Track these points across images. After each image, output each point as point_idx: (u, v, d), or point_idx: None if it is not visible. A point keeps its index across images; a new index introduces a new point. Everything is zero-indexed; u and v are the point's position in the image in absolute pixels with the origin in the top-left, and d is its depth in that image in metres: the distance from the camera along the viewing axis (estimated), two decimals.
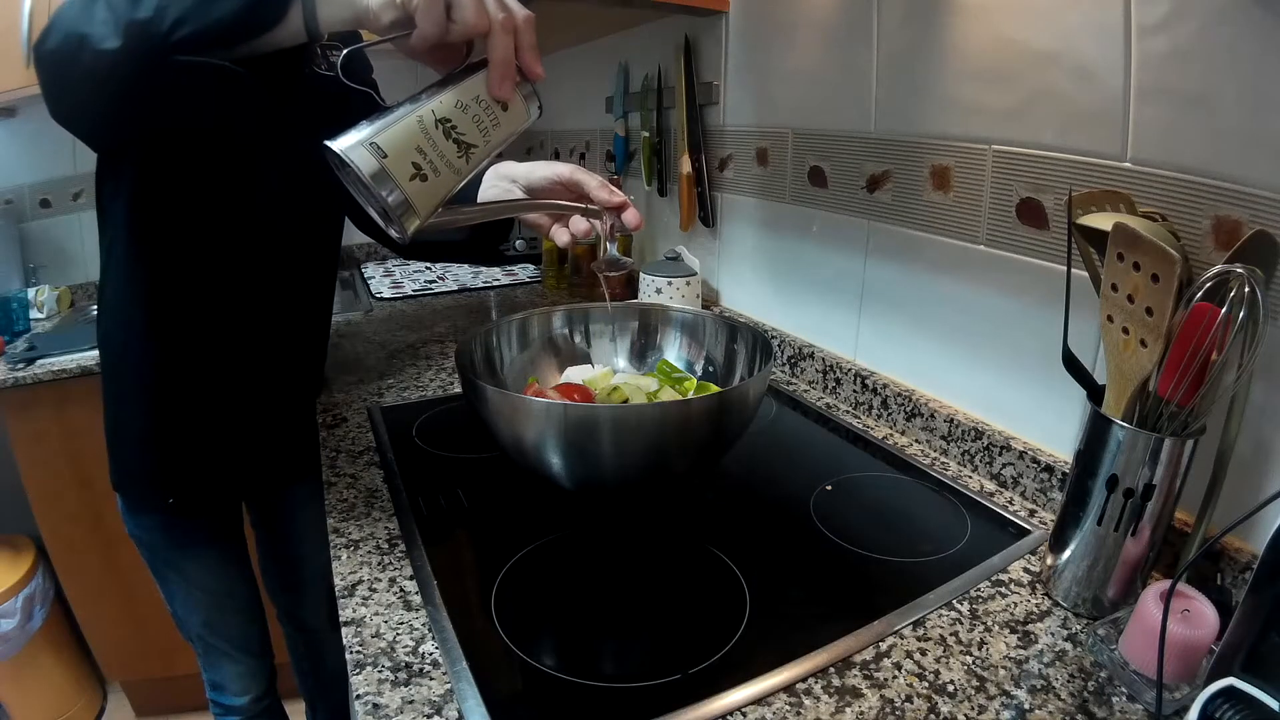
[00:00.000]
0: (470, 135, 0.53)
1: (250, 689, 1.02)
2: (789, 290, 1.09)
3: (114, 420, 0.85)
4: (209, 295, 0.79)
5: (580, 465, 0.65)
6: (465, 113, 0.52)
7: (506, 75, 0.52)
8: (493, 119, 0.54)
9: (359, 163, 0.49)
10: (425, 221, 0.53)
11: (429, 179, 0.51)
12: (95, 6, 0.49)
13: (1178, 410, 0.50)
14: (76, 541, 1.46)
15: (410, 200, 0.51)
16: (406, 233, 0.52)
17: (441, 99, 0.52)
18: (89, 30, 0.49)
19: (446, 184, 0.53)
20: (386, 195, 0.50)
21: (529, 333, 0.87)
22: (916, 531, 0.69)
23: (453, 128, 0.52)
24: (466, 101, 0.52)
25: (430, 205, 0.53)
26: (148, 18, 0.48)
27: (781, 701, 0.48)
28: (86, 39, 0.49)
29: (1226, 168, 0.53)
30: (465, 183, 0.55)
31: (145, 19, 0.48)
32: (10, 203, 1.74)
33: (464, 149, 0.53)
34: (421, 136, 0.51)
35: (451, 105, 0.52)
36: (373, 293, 1.64)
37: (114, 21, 0.48)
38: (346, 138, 0.49)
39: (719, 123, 1.20)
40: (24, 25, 1.40)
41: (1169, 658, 0.45)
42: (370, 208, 0.53)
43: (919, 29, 0.79)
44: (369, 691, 0.49)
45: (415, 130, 0.50)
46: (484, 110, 0.53)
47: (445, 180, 0.53)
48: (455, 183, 0.54)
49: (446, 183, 0.53)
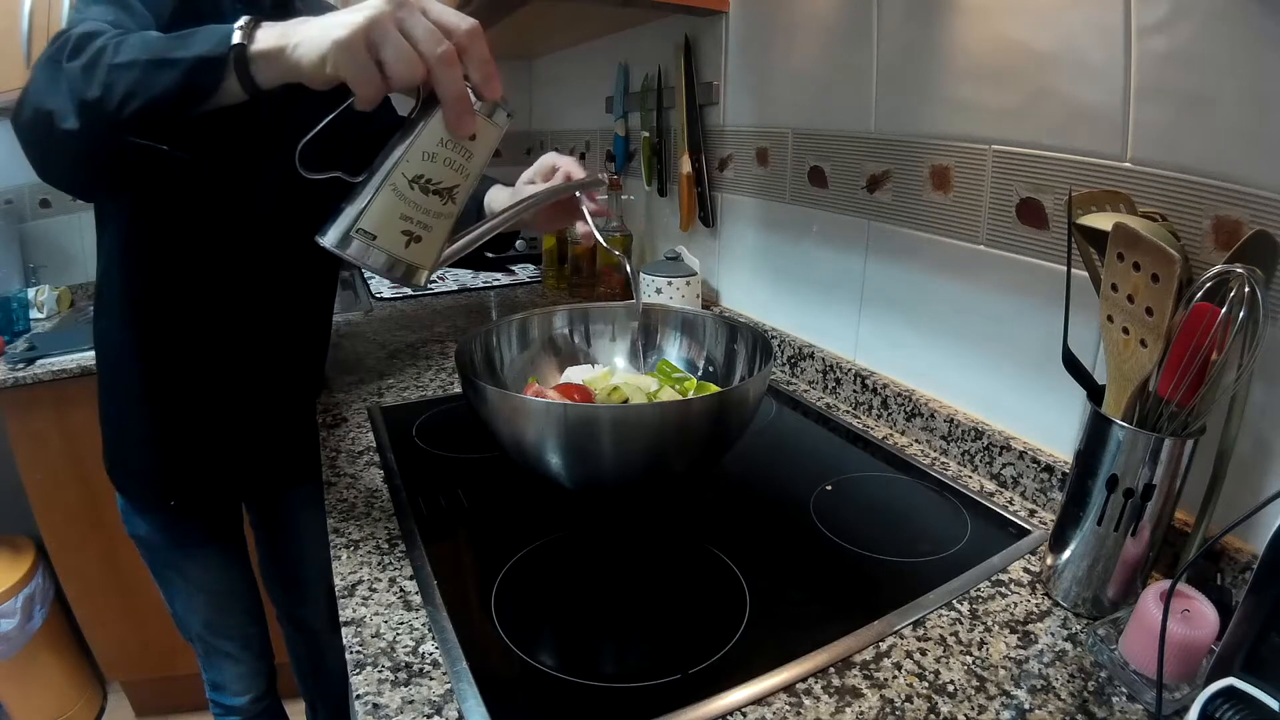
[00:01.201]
0: (448, 179, 0.52)
1: (250, 689, 1.02)
2: (789, 290, 1.09)
3: (114, 421, 0.85)
4: (208, 296, 0.79)
5: (580, 465, 0.65)
6: (435, 161, 0.51)
7: (464, 110, 0.49)
8: (464, 154, 0.52)
9: (354, 255, 0.50)
10: (435, 269, 0.54)
11: (424, 237, 0.52)
12: (59, 79, 0.50)
13: (1178, 410, 0.50)
14: (76, 541, 1.46)
15: (412, 263, 0.52)
16: (422, 285, 0.54)
17: (407, 158, 0.50)
18: (53, 107, 0.50)
19: (442, 232, 0.53)
20: (389, 270, 0.51)
21: (529, 333, 0.87)
22: (916, 531, 0.69)
23: (428, 182, 0.51)
24: (432, 150, 0.50)
25: (433, 256, 0.54)
26: (97, 97, 0.49)
27: (781, 701, 0.48)
28: (51, 116, 0.50)
29: (1226, 168, 0.53)
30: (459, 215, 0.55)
31: (95, 99, 0.49)
32: (10, 203, 1.74)
33: (446, 194, 0.52)
34: (401, 203, 0.50)
35: (419, 160, 0.50)
36: (373, 293, 1.64)
37: (72, 98, 0.50)
38: (332, 230, 0.50)
39: (719, 123, 1.20)
40: (24, 25, 1.40)
41: (1169, 658, 0.45)
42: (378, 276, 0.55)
43: (919, 29, 0.79)
44: (369, 691, 0.49)
45: (393, 201, 0.50)
46: (453, 150, 0.51)
47: (440, 230, 0.53)
48: (450, 225, 0.54)
49: (442, 231, 0.53)
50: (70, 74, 0.50)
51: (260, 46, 0.48)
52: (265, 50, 0.48)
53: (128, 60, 0.49)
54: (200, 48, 0.49)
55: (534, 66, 2.10)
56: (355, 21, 0.45)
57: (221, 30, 0.49)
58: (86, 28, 0.53)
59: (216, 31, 0.49)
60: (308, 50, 0.46)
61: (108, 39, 0.51)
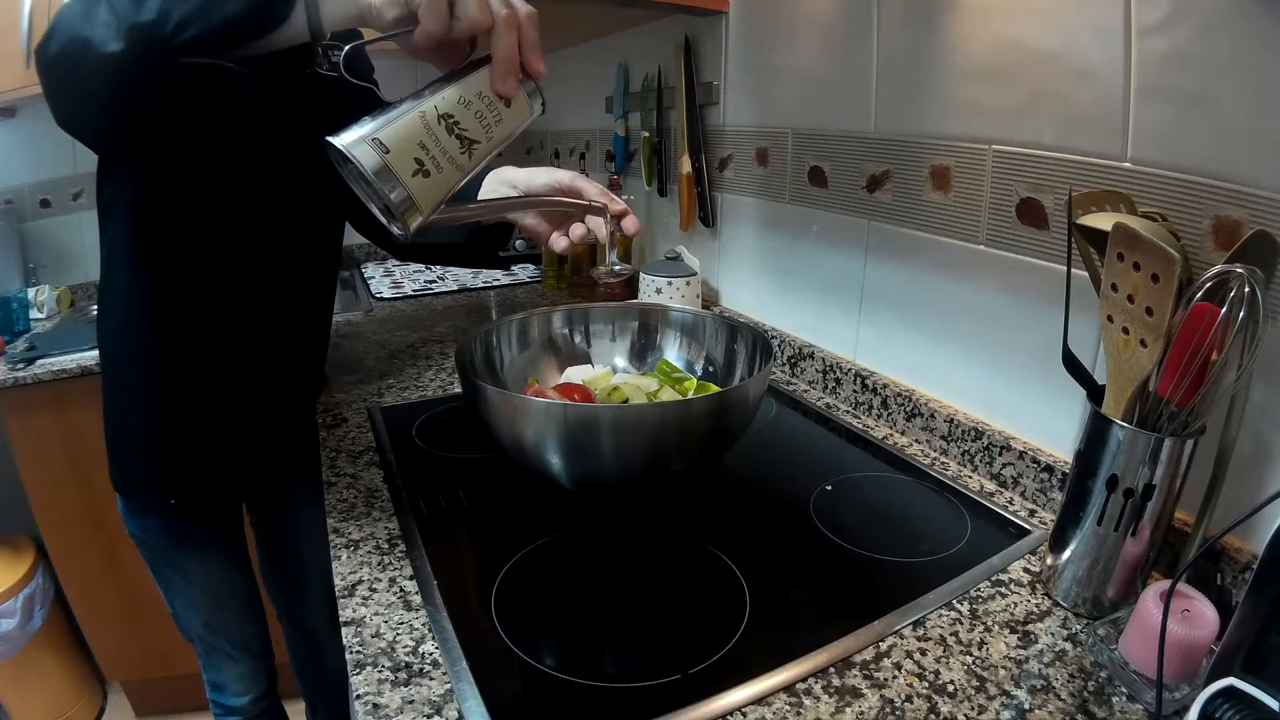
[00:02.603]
0: (473, 131, 0.52)
1: (250, 689, 1.02)
2: (789, 290, 1.09)
3: (114, 421, 0.85)
4: (209, 296, 0.79)
5: (580, 465, 0.65)
6: (468, 109, 0.52)
7: (510, 71, 0.52)
8: (495, 115, 0.53)
9: (361, 158, 0.48)
10: (428, 218, 0.53)
11: (432, 175, 0.51)
12: (97, 9, 0.49)
13: (1178, 410, 0.50)
14: (76, 541, 1.46)
15: (413, 196, 0.51)
16: (409, 229, 0.52)
17: (444, 95, 0.51)
18: (91, 34, 0.48)
19: (449, 180, 0.53)
20: (389, 191, 0.49)
21: (529, 333, 0.87)
22: (916, 531, 0.69)
23: (456, 123, 0.51)
24: (469, 98, 0.52)
25: (433, 202, 0.52)
26: (151, 20, 0.47)
27: (781, 701, 0.48)
28: (89, 43, 0.48)
29: (1226, 168, 0.53)
30: (468, 179, 0.54)
31: (149, 21, 0.47)
32: (10, 203, 1.74)
33: (467, 145, 0.52)
34: (424, 132, 0.50)
35: (454, 101, 0.52)
36: (373, 293, 1.64)
37: (117, 24, 0.48)
38: (349, 133, 0.49)
39: (719, 123, 1.20)
40: (24, 25, 1.40)
41: (1169, 658, 0.45)
42: (372, 204, 0.53)
43: (919, 29, 0.79)
44: (369, 691, 0.49)
45: (418, 126, 0.50)
46: (487, 106, 0.53)
47: (448, 176, 0.52)
48: (458, 179, 0.53)
49: (449, 179, 0.53)
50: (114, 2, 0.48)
51: None
52: None
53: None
54: None
55: None
56: None
57: None
58: None
59: None
60: None
61: None
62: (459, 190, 0.55)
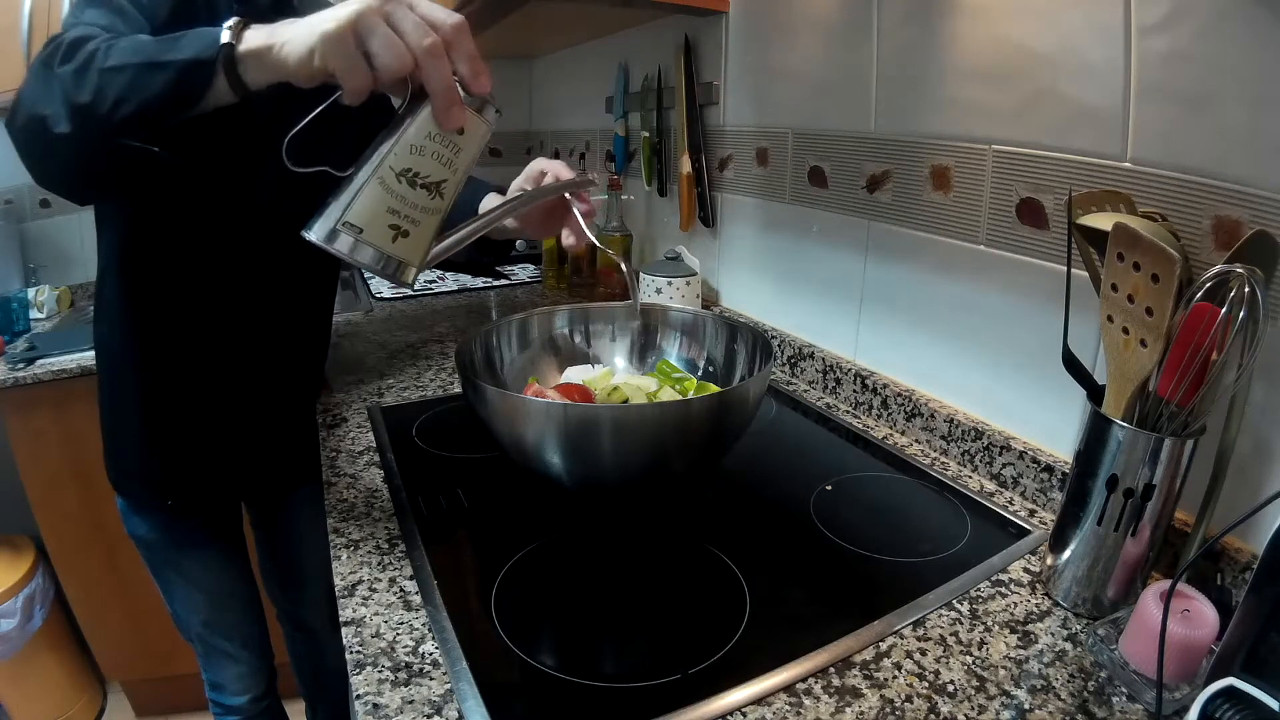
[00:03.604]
0: (435, 174, 0.51)
1: (250, 689, 1.02)
2: (789, 290, 1.09)
3: (111, 422, 0.86)
4: (207, 298, 0.79)
5: (580, 465, 0.65)
6: (423, 155, 0.51)
7: (450, 103, 0.49)
8: (453, 149, 0.52)
9: (340, 248, 0.49)
10: (423, 267, 0.54)
11: (411, 233, 0.51)
12: (51, 84, 0.51)
13: (1178, 410, 0.50)
14: (76, 541, 1.46)
15: (400, 259, 0.52)
16: (409, 284, 0.53)
17: (395, 151, 0.50)
18: (46, 112, 0.50)
19: (430, 228, 0.53)
20: (377, 265, 0.51)
21: (529, 333, 0.87)
22: (916, 531, 0.69)
23: (415, 175, 0.50)
24: (420, 144, 0.50)
25: (421, 253, 0.53)
26: (89, 102, 0.49)
27: (781, 701, 0.48)
28: (44, 121, 0.50)
29: (1226, 168, 0.53)
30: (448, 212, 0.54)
31: (87, 103, 0.49)
32: (10, 203, 1.74)
33: (434, 189, 0.52)
34: (389, 197, 0.50)
35: (406, 154, 0.50)
36: (373, 293, 1.64)
37: (64, 103, 0.50)
38: (320, 225, 0.50)
39: (719, 123, 1.20)
40: (24, 26, 1.40)
41: (1169, 658, 0.45)
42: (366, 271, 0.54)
43: (919, 29, 0.79)
44: (369, 691, 0.49)
45: (380, 194, 0.50)
46: (441, 144, 0.51)
47: (427, 226, 0.53)
48: (438, 221, 0.54)
49: (429, 227, 0.53)
50: (62, 79, 0.50)
51: (248, 46, 0.48)
52: (253, 49, 0.48)
53: (118, 64, 0.49)
54: (189, 50, 0.49)
55: (534, 66, 2.10)
56: (342, 15, 0.45)
57: (210, 32, 0.49)
58: (78, 32, 0.53)
59: (206, 34, 0.49)
60: (295, 46, 0.47)
61: (99, 43, 0.51)
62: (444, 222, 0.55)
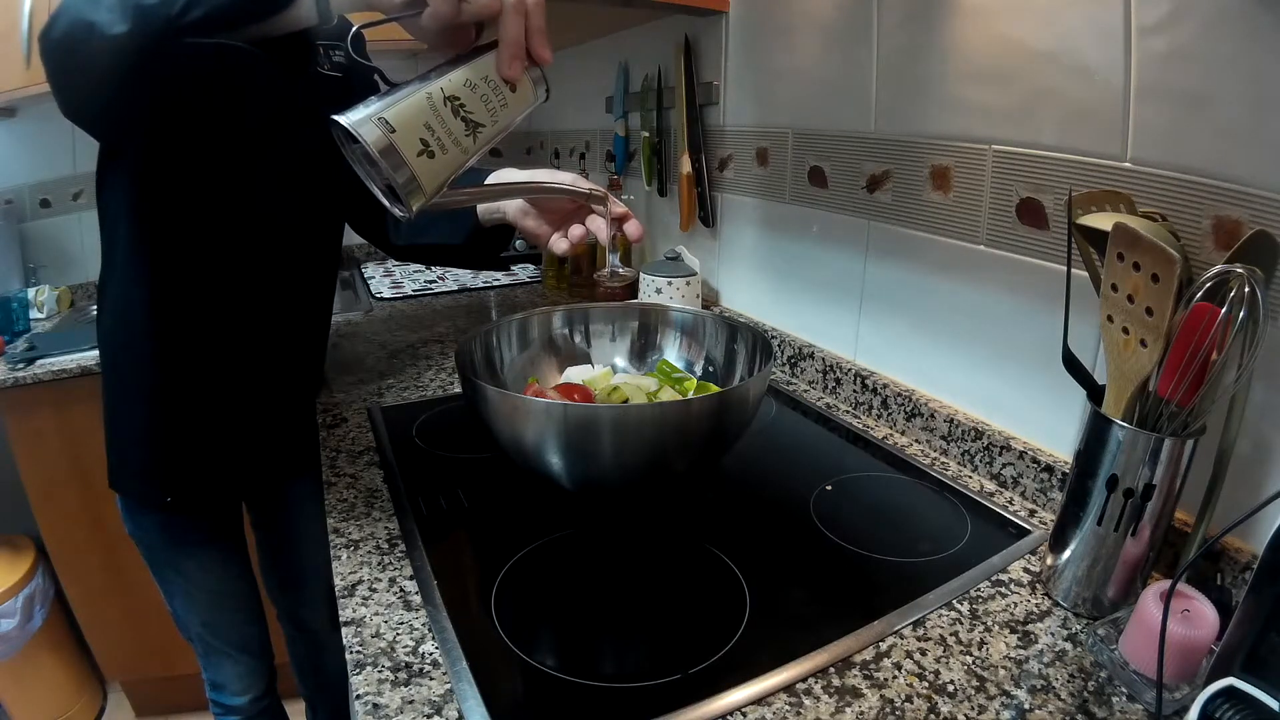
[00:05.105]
0: (478, 114, 0.53)
1: (250, 689, 1.02)
2: (789, 290, 1.09)
3: (113, 417, 0.85)
4: (209, 292, 0.79)
5: (580, 465, 0.65)
6: (474, 91, 0.52)
7: (516, 55, 0.52)
8: (501, 99, 0.54)
9: (367, 136, 0.48)
10: (430, 200, 0.53)
11: (436, 156, 0.51)
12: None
13: (1178, 410, 0.50)
14: (76, 541, 1.46)
15: (418, 177, 0.51)
16: (412, 210, 0.52)
17: (451, 77, 0.52)
18: (96, 17, 0.49)
19: (454, 162, 0.53)
20: (394, 171, 0.50)
21: (529, 333, 0.87)
22: (916, 531, 0.69)
23: (461, 105, 0.52)
24: (475, 80, 0.52)
25: (436, 183, 0.52)
26: (157, 1, 0.47)
27: (781, 701, 0.48)
28: (94, 26, 0.49)
29: (1226, 168, 0.53)
30: (471, 163, 0.54)
31: (155, 3, 0.47)
32: (10, 203, 1.74)
33: (472, 127, 0.53)
34: (430, 113, 0.51)
35: (460, 83, 0.52)
36: (373, 293, 1.64)
37: (122, 6, 0.48)
38: (355, 112, 0.49)
39: (719, 123, 1.20)
40: (24, 25, 1.40)
41: (1169, 658, 0.45)
42: (374, 185, 0.53)
43: (919, 29, 0.79)
44: (369, 691, 0.49)
45: (424, 106, 0.50)
46: (492, 90, 0.53)
47: (453, 158, 0.52)
48: (462, 161, 0.53)
49: (454, 160, 0.53)
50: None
51: None
52: None
53: None
54: None
55: None
56: None
57: None
58: None
59: None
60: None
61: None
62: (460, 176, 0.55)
